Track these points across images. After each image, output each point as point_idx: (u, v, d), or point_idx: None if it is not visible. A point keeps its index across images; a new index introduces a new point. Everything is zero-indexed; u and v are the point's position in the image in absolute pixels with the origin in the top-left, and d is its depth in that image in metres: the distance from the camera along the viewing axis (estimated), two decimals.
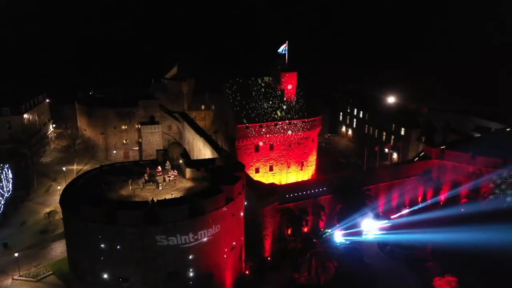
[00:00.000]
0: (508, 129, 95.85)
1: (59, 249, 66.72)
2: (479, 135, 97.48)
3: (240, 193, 55.20)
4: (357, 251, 63.24)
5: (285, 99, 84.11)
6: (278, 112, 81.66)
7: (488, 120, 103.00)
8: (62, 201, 52.38)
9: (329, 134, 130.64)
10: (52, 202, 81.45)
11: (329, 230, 65.02)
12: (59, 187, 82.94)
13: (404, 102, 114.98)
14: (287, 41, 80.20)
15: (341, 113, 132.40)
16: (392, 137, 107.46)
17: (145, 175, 57.80)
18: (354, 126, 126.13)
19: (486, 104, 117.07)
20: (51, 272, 61.24)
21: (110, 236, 47.34)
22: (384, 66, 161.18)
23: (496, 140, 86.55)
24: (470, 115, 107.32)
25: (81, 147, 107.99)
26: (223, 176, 54.94)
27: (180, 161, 62.80)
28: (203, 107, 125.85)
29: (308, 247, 57.35)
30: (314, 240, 57.71)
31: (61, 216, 61.46)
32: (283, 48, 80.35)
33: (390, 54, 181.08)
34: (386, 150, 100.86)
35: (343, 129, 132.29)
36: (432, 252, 65.84)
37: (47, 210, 78.37)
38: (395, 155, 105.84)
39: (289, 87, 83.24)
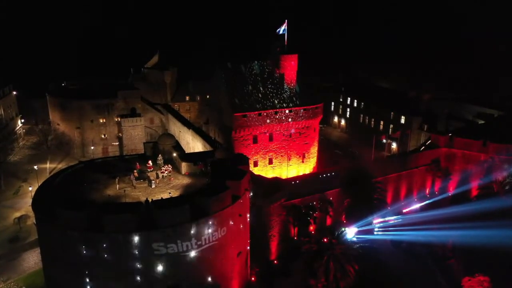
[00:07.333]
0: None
1: (32, 259, 58.96)
2: (483, 122, 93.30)
3: (247, 189, 48.14)
4: (375, 251, 56.87)
5: (284, 85, 76.62)
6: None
7: (483, 107, 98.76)
8: (35, 204, 44.27)
9: (320, 125, 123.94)
10: (22, 206, 73.42)
11: (345, 229, 58.25)
12: (30, 188, 74.24)
13: (402, 89, 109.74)
14: (286, 20, 72.66)
15: (332, 103, 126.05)
16: (391, 126, 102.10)
17: (135, 171, 49.55)
18: (348, 116, 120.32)
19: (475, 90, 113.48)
20: (23, 287, 53.30)
21: (95, 245, 39.30)
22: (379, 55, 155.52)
23: (504, 126, 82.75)
24: (465, 102, 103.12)
25: (54, 143, 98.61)
26: (226, 170, 47.58)
27: (174, 155, 54.69)
28: (187, 98, 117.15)
29: (325, 248, 50.35)
30: (332, 241, 50.61)
31: (34, 222, 53.12)
32: (282, 28, 72.83)
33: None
34: (384, 140, 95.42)
35: (335, 119, 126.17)
36: (453, 249, 60.40)
37: (17, 214, 70.27)
38: (394, 145, 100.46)
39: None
